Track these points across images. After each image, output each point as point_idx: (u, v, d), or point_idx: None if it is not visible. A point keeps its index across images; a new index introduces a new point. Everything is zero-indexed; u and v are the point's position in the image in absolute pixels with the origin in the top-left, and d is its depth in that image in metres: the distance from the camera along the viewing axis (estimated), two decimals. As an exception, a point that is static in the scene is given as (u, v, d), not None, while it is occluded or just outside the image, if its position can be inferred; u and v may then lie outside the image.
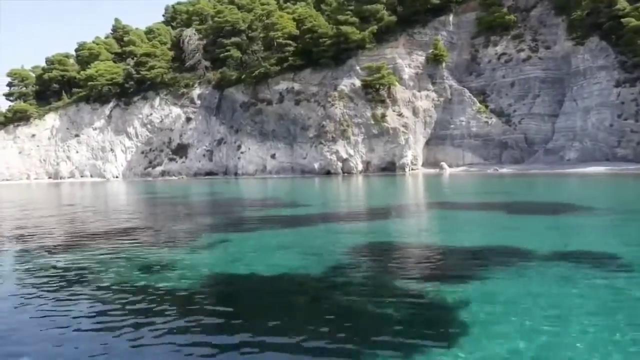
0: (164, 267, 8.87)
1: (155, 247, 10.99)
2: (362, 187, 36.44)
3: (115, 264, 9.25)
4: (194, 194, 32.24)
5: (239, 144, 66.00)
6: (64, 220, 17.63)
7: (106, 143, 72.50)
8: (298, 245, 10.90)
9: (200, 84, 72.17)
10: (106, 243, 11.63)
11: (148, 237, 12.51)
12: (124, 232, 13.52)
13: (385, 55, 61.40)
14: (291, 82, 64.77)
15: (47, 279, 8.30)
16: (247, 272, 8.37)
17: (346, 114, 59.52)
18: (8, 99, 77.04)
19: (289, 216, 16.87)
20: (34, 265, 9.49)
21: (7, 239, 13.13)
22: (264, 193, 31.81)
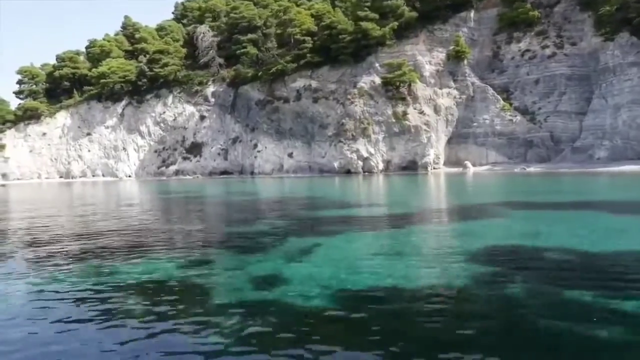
0: (276, 279, 7.64)
1: (249, 255, 9.78)
2: (398, 186, 35.22)
3: (222, 275, 8.04)
4: (228, 194, 30.90)
5: (255, 142, 64.80)
6: (141, 228, 16.41)
7: (118, 142, 71.31)
8: (402, 250, 9.70)
9: (214, 82, 71.02)
10: (195, 252, 10.43)
11: (231, 244, 11.30)
12: (203, 239, 12.33)
13: (406, 52, 60.24)
14: (308, 80, 63.59)
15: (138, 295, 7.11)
16: (373, 284, 7.14)
17: (366, 112, 58.32)
18: (18, 96, 75.85)
19: (361, 217, 15.65)
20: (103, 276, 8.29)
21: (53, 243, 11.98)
22: (303, 192, 30.53)
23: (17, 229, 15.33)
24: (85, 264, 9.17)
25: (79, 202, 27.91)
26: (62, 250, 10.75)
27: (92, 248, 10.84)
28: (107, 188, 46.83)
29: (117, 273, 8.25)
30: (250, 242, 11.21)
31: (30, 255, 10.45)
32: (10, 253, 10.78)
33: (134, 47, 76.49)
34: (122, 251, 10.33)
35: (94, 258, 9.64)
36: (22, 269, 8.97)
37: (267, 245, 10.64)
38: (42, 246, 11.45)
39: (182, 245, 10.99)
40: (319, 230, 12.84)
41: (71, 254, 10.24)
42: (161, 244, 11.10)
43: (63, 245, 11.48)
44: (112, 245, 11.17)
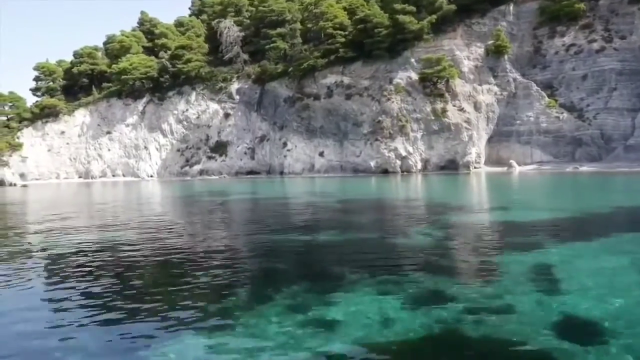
0: (496, 311, 5.26)
1: (455, 277, 7.32)
2: (464, 186, 32.74)
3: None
4: (289, 196, 28.41)
5: (284, 141, 62.27)
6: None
7: (139, 140, 68.74)
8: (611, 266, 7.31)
9: (238, 78, 68.50)
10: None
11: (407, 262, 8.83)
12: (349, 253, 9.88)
13: (443, 47, 57.79)
14: (340, 76, 61.15)
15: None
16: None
17: (404, 109, 55.87)
18: (35, 94, 73.27)
19: (519, 223, 13.19)
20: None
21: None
22: (369, 194, 27.96)
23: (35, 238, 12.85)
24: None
25: (105, 207, 25.40)
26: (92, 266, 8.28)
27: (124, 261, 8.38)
28: (131, 189, 44.34)
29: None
30: (446, 262, 8.70)
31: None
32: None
33: (154, 43, 73.94)
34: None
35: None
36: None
37: (464, 266, 8.12)
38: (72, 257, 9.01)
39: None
40: (513, 244, 10.34)
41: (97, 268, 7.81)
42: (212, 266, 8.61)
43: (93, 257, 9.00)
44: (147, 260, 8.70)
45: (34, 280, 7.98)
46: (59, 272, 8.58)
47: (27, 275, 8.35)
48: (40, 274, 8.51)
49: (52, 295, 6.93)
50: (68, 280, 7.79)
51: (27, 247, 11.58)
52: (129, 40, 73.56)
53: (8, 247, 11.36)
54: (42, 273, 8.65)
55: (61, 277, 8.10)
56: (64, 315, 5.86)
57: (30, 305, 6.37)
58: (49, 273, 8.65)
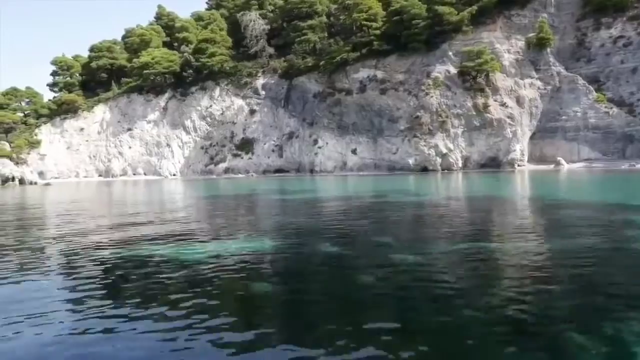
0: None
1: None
2: (537, 183, 30.30)
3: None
4: (343, 196, 25.72)
5: (314, 138, 59.83)
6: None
7: (161, 137, 66.29)
8: None
9: (264, 73, 66.09)
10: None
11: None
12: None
13: (482, 40, 55.40)
14: (373, 70, 58.75)
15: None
16: None
17: (443, 104, 53.51)
18: (52, 89, 70.79)
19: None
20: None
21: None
22: (456, 191, 25.51)
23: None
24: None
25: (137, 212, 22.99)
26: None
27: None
28: (159, 188, 41.93)
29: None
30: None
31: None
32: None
33: (175, 37, 71.48)
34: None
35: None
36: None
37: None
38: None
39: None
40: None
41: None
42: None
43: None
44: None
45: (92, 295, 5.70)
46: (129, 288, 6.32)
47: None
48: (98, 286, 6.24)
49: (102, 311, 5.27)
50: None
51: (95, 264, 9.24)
52: (149, 33, 71.05)
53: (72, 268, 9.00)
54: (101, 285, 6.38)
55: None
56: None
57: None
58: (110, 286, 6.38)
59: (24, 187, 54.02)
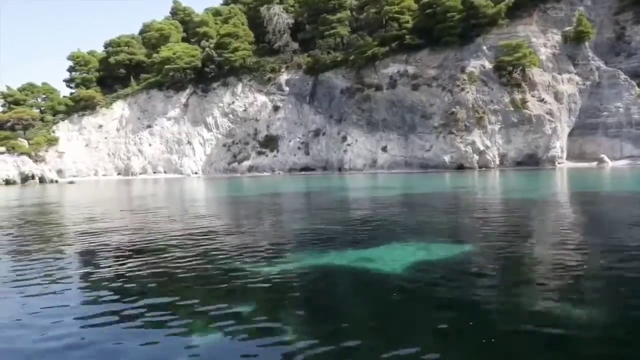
0: None
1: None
2: (595, 183, 28.55)
3: None
4: (402, 198, 23.89)
5: (343, 135, 58.04)
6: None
7: (182, 135, 64.41)
8: None
9: (287, 69, 64.23)
10: None
11: None
12: None
13: (517, 33, 53.69)
14: (404, 65, 56.93)
15: None
16: None
17: (479, 100, 51.77)
18: (68, 85, 68.81)
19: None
20: None
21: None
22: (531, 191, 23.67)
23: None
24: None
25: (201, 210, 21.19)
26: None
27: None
28: (188, 187, 40.12)
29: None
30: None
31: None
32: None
33: (195, 31, 69.50)
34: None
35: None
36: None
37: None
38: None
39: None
40: None
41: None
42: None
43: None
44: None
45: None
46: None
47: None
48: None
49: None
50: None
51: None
52: (168, 28, 69.15)
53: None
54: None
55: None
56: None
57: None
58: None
59: (44, 185, 52.07)
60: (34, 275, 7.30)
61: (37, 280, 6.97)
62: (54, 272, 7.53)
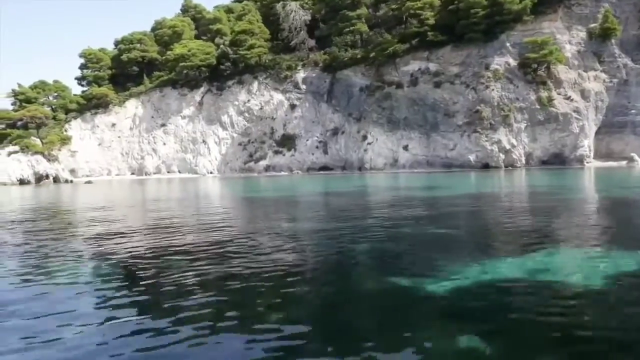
0: None
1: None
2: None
3: None
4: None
5: (363, 134, 56.93)
6: None
7: (197, 134, 63.20)
8: None
9: (304, 66, 63.05)
10: None
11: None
12: None
13: (542, 30, 52.70)
14: (425, 62, 55.86)
15: None
16: None
17: (505, 97, 50.76)
18: (80, 83, 67.51)
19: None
20: None
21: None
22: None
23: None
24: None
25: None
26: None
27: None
28: (212, 187, 39.00)
29: None
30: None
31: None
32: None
33: (208, 29, 68.29)
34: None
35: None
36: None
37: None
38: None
39: None
40: None
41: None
42: None
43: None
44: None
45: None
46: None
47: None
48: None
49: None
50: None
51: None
52: (181, 25, 67.90)
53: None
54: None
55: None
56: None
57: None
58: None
59: (58, 185, 50.84)
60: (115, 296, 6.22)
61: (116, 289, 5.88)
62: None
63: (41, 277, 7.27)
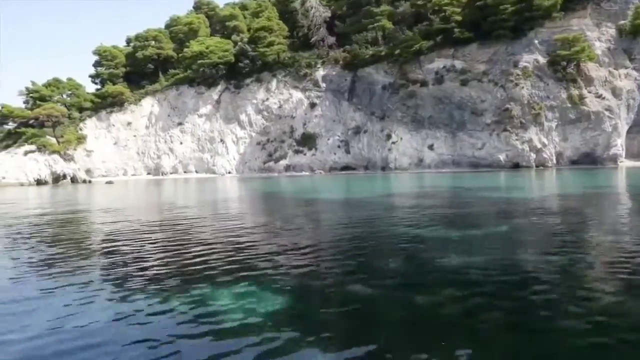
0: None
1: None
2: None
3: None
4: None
5: (387, 133, 55.74)
6: None
7: (215, 133, 61.86)
8: None
9: (323, 64, 61.82)
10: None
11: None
12: None
13: (571, 27, 51.63)
14: (450, 59, 54.74)
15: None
16: None
17: (535, 95, 49.65)
18: (94, 81, 66.07)
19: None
20: None
21: None
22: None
23: None
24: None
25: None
26: None
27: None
28: (245, 186, 37.63)
29: None
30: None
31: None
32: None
33: (224, 25, 66.98)
34: None
35: None
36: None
37: None
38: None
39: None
40: None
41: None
42: None
43: None
44: None
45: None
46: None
47: None
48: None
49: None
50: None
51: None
52: (197, 21, 66.51)
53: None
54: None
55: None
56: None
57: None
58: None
59: (76, 185, 49.37)
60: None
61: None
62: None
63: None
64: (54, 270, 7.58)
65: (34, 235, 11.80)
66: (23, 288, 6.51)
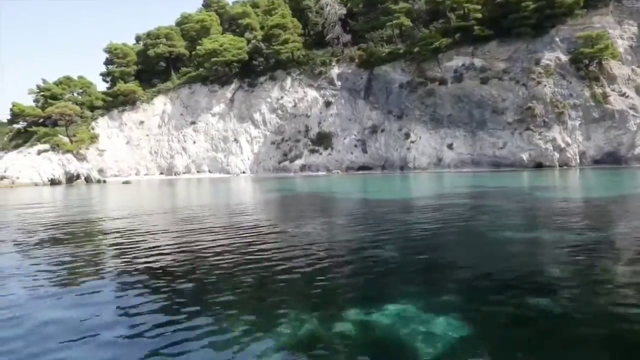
0: None
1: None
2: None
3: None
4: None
5: (405, 132, 54.95)
6: None
7: (228, 132, 60.96)
8: None
9: (338, 62, 61.01)
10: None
11: None
12: None
13: (593, 25, 50.91)
14: (469, 57, 53.97)
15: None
16: None
17: (558, 94, 48.92)
18: (105, 79, 65.00)
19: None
20: None
21: None
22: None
23: None
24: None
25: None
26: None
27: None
28: (273, 186, 36.75)
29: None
30: None
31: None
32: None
33: (237, 23, 66.06)
34: None
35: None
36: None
37: None
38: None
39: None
40: None
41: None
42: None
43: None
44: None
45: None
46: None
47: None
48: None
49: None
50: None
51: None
52: (209, 19, 65.56)
53: None
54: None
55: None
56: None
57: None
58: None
59: (90, 185, 48.40)
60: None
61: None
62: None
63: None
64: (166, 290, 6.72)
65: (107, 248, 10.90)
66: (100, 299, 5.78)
